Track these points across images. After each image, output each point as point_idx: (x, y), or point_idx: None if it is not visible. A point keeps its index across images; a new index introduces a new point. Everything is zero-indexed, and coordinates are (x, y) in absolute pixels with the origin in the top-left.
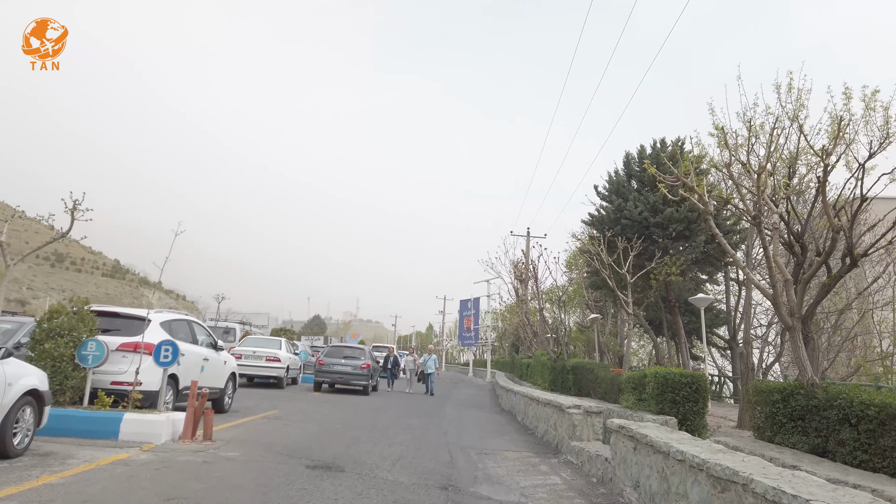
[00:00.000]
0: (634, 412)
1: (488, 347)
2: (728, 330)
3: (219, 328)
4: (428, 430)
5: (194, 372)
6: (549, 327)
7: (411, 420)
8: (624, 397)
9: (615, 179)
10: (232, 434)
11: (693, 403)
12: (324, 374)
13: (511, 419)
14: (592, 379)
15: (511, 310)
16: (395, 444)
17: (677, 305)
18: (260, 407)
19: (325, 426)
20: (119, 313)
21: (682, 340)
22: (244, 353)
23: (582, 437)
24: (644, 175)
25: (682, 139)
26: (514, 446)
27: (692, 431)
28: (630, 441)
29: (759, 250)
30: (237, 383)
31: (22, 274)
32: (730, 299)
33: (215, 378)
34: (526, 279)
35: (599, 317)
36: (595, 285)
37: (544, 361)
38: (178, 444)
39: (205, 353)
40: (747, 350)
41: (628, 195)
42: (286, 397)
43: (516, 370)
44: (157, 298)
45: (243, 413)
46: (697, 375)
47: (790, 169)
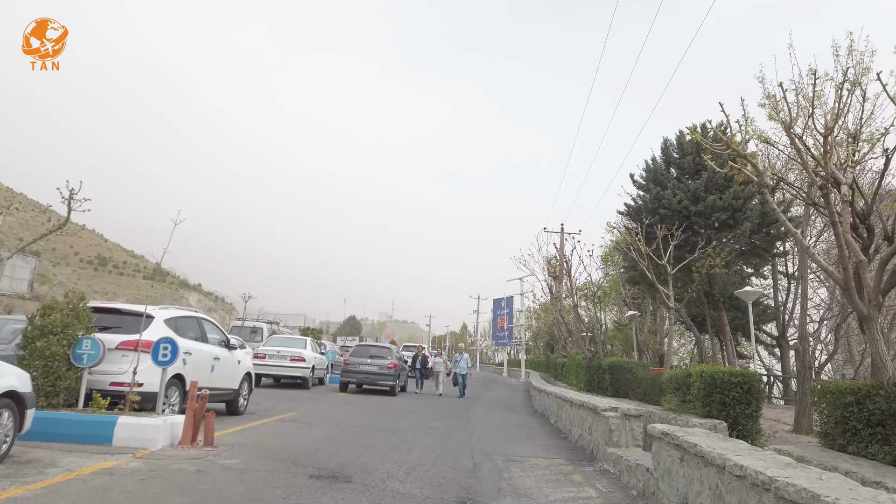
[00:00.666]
0: (678, 415)
1: (522, 347)
2: (776, 326)
3: (246, 328)
4: (452, 434)
5: (203, 372)
6: (584, 325)
7: (436, 423)
8: (666, 399)
9: (652, 167)
10: (238, 438)
11: (745, 406)
12: (349, 374)
13: (543, 422)
14: (631, 379)
15: (545, 308)
16: (414, 450)
17: (721, 300)
18: (278, 408)
19: (342, 429)
20: (121, 310)
21: (728, 337)
22: (267, 353)
23: (620, 443)
24: (684, 162)
25: (726, 123)
26: (544, 452)
27: (744, 437)
28: (676, 450)
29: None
30: (253, 384)
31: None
32: (778, 294)
33: (228, 379)
34: (560, 276)
35: (638, 314)
36: (633, 280)
37: (579, 361)
38: (175, 451)
39: (216, 352)
40: (804, 346)
41: (667, 183)
42: (309, 398)
43: (551, 370)
44: (196, 300)
45: (259, 415)
46: (749, 374)
47: (853, 139)
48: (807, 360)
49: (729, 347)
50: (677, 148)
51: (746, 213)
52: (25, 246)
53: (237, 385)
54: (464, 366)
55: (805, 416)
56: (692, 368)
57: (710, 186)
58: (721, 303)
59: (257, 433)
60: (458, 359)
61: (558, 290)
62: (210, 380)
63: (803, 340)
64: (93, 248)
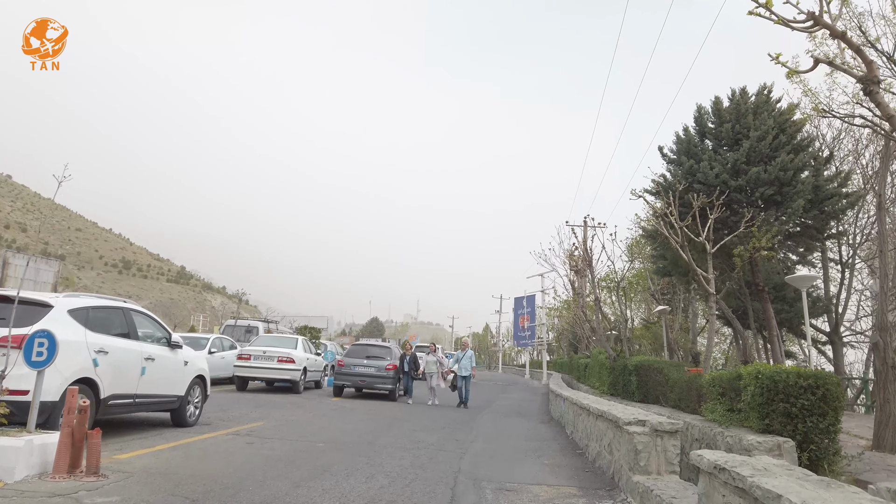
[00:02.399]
0: (725, 429)
1: (544, 347)
2: (828, 321)
3: (240, 327)
4: (441, 450)
5: (129, 375)
6: (609, 322)
7: (427, 434)
8: (708, 406)
9: (684, 138)
10: (150, 462)
11: (819, 418)
12: (343, 376)
13: (558, 432)
14: (662, 381)
15: (568, 306)
16: (378, 476)
17: (766, 290)
18: (246, 417)
19: (304, 445)
20: (12, 297)
21: (774, 332)
22: (253, 354)
23: (649, 469)
24: (721, 130)
25: (769, 85)
26: (552, 476)
27: (818, 460)
28: (740, 497)
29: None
30: (208, 389)
31: (91, 281)
32: (829, 285)
33: (168, 383)
34: (582, 270)
35: (668, 308)
36: (663, 271)
37: (602, 361)
38: (38, 483)
39: (150, 351)
40: (884, 339)
41: (701, 156)
42: (293, 405)
43: (574, 371)
44: (219, 302)
45: (214, 426)
46: (823, 376)
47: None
48: (889, 358)
49: (776, 344)
50: (713, 115)
51: (797, 188)
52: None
53: (183, 391)
54: (467, 366)
55: (889, 428)
56: (743, 369)
57: (753, 157)
58: (766, 293)
59: (186, 453)
60: (460, 356)
61: (581, 285)
62: (140, 385)
63: (884, 332)
64: (118, 252)
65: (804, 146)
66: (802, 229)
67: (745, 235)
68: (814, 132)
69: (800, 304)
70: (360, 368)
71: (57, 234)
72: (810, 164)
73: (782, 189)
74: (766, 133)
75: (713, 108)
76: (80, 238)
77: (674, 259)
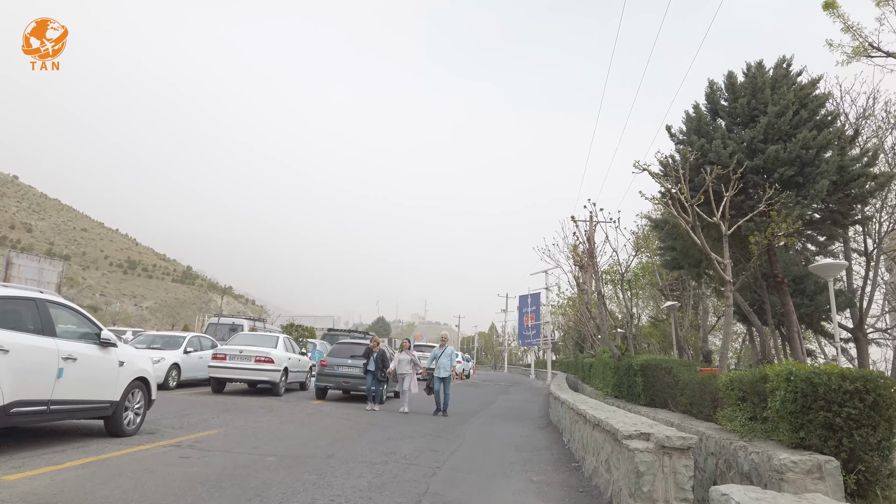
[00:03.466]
0: (749, 443)
1: (548, 346)
2: (851, 316)
3: (223, 325)
4: (412, 465)
5: (42, 378)
6: (615, 320)
7: (402, 444)
8: (725, 414)
9: (695, 116)
10: (39, 485)
11: (869, 430)
12: (326, 377)
13: (555, 439)
14: (670, 383)
15: (573, 303)
16: (319, 502)
17: (785, 282)
18: (203, 424)
19: (248, 460)
20: None
21: (795, 328)
22: (228, 354)
23: (654, 495)
24: (736, 107)
25: (789, 58)
26: (537, 498)
27: (870, 483)
28: None
29: None
30: (153, 393)
31: (96, 281)
32: (851, 277)
33: (96, 387)
34: (585, 265)
35: (677, 304)
36: (672, 264)
37: (606, 360)
38: None
39: (70, 349)
40: None
41: (713, 135)
42: (264, 409)
43: (579, 371)
44: (225, 302)
45: (159, 435)
46: (874, 378)
47: None
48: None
49: (796, 342)
50: (727, 91)
51: (820, 168)
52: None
53: (117, 395)
54: (446, 364)
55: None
56: (769, 368)
57: (771, 134)
58: (785, 285)
59: (94, 472)
60: (437, 353)
61: (585, 280)
62: (57, 389)
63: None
64: (123, 252)
65: (828, 122)
66: (826, 214)
67: (762, 222)
68: (834, 110)
69: (820, 297)
70: (343, 369)
71: (62, 235)
72: (834, 142)
73: (804, 169)
74: (786, 108)
75: (726, 84)
76: (86, 238)
77: (684, 249)
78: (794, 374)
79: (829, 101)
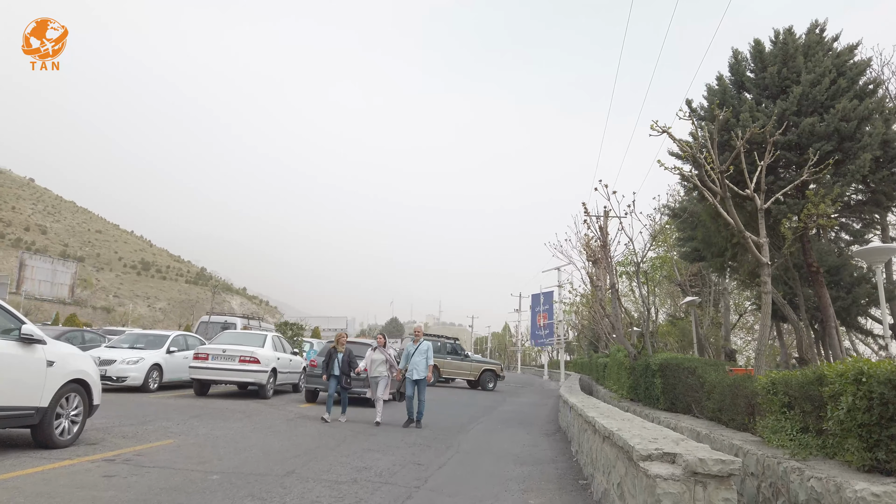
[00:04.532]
0: (803, 462)
1: (561, 346)
2: (891, 311)
3: (215, 323)
4: (385, 484)
5: None
6: (630, 318)
7: (381, 456)
8: (767, 423)
9: (718, 89)
10: None
11: None
12: (315, 379)
13: (562, 450)
14: (695, 385)
15: (586, 301)
16: None
17: (821, 272)
18: (158, 433)
19: (184, 480)
20: None
21: (833, 323)
22: (210, 353)
23: None
24: (764, 77)
25: (822, 22)
26: None
27: None
28: None
29: None
30: (94, 398)
31: (109, 283)
32: (892, 268)
33: (14, 391)
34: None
35: (697, 299)
36: (692, 256)
37: (621, 360)
38: None
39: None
40: None
41: (740, 108)
42: (241, 414)
43: (593, 371)
44: (238, 303)
45: (99, 446)
46: None
47: None
48: None
49: (834, 338)
50: (754, 62)
51: (862, 141)
52: None
53: (45, 401)
54: (420, 364)
55: None
56: (829, 367)
57: (806, 106)
58: (821, 275)
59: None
60: (410, 350)
61: (598, 276)
62: None
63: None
64: (137, 254)
65: (869, 92)
66: (871, 195)
67: (795, 205)
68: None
69: (858, 289)
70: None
71: (77, 236)
72: (877, 114)
73: (842, 144)
74: (822, 76)
75: (753, 53)
76: (100, 240)
77: (706, 237)
78: (868, 374)
79: (868, 68)
